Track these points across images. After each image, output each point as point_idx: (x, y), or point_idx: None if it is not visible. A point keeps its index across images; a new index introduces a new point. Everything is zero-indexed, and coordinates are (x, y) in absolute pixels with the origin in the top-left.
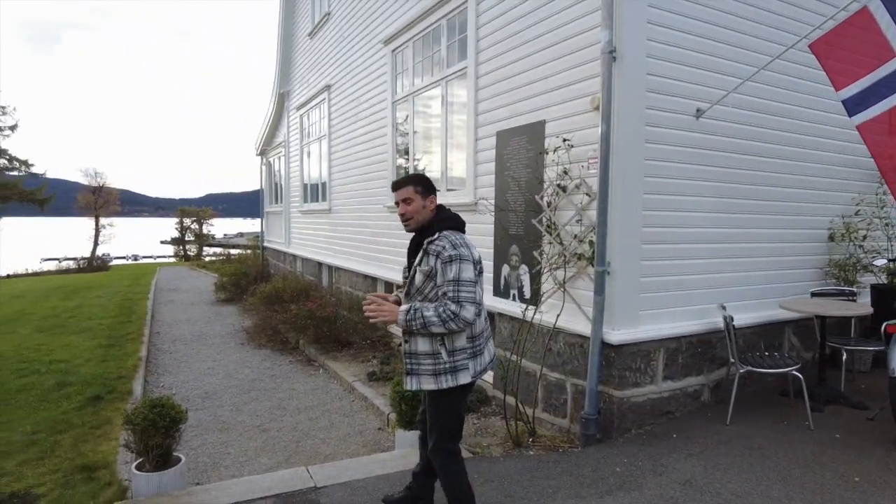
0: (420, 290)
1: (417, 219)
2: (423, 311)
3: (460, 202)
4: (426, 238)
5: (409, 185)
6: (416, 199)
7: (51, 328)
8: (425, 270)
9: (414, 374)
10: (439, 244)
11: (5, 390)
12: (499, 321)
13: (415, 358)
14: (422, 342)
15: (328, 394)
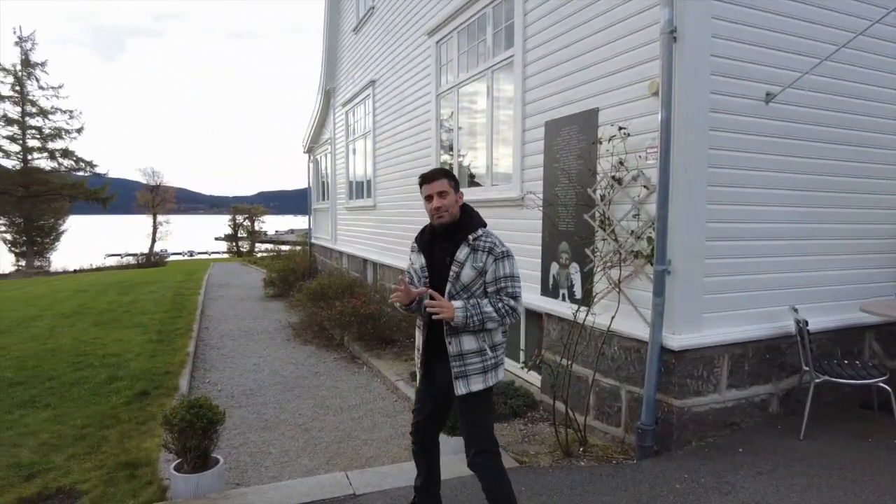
0: (467, 287)
1: (452, 212)
2: (482, 306)
3: (506, 197)
4: (466, 234)
5: (443, 177)
6: (450, 192)
7: (107, 322)
8: (478, 267)
9: (462, 376)
10: (489, 241)
11: (62, 383)
12: (546, 322)
13: (462, 359)
14: (467, 340)
15: (371, 393)
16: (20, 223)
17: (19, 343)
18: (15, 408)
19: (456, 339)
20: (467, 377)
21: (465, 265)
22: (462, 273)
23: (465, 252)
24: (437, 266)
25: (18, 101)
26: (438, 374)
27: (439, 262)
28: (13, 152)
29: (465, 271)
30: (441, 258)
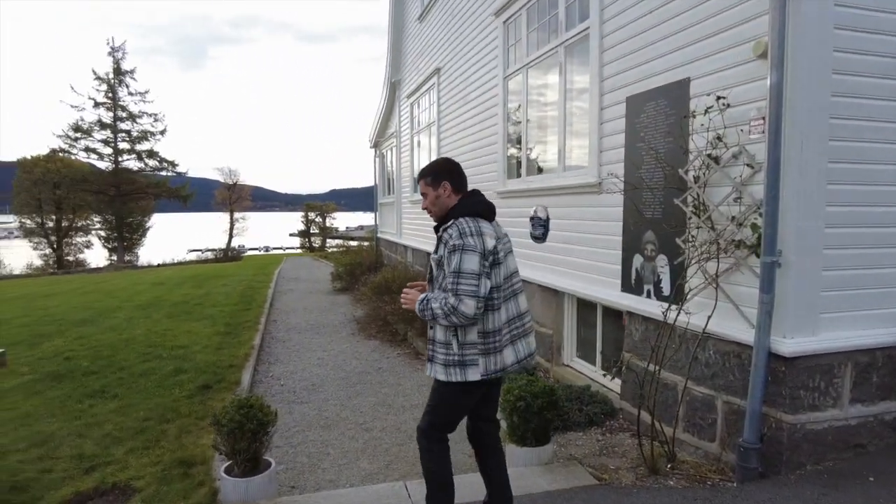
0: (435, 279)
1: (436, 210)
2: (431, 302)
3: (581, 183)
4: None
5: (421, 177)
6: (427, 191)
7: (179, 314)
8: (436, 259)
9: (431, 360)
10: (449, 232)
11: (131, 373)
12: (628, 322)
13: (433, 345)
14: (439, 330)
15: None
16: (112, 220)
17: (98, 333)
18: (86, 397)
19: (435, 328)
20: (434, 363)
21: (433, 257)
22: (433, 264)
23: (436, 243)
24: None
25: (111, 106)
26: None
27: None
28: (106, 155)
29: (433, 263)
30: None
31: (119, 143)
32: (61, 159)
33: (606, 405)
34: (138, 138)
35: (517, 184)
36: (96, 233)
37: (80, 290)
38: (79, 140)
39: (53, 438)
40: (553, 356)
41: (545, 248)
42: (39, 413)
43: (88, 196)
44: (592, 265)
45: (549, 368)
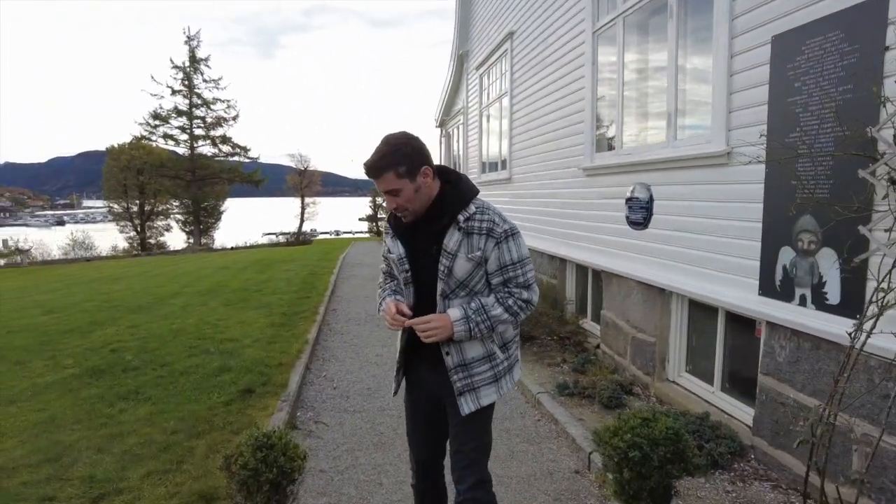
0: (464, 284)
1: (416, 206)
2: (488, 309)
3: (700, 153)
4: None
5: (386, 170)
6: (401, 185)
7: (236, 302)
8: (475, 257)
9: (468, 391)
10: (485, 218)
11: (171, 371)
12: (769, 336)
13: (466, 370)
14: (471, 346)
15: (507, 405)
16: (189, 205)
17: (150, 322)
18: (119, 399)
19: (456, 348)
20: (475, 390)
21: (457, 256)
22: (455, 266)
23: (456, 238)
24: (420, 256)
25: (187, 94)
26: (429, 380)
27: (423, 252)
28: (182, 141)
29: (458, 264)
30: (425, 247)
31: (194, 129)
32: (144, 146)
33: (733, 442)
34: (212, 124)
35: (609, 158)
36: (174, 217)
37: (149, 273)
38: (157, 127)
39: (70, 452)
40: (654, 369)
41: (646, 236)
42: (66, 418)
43: (167, 181)
44: (713, 259)
45: (649, 384)
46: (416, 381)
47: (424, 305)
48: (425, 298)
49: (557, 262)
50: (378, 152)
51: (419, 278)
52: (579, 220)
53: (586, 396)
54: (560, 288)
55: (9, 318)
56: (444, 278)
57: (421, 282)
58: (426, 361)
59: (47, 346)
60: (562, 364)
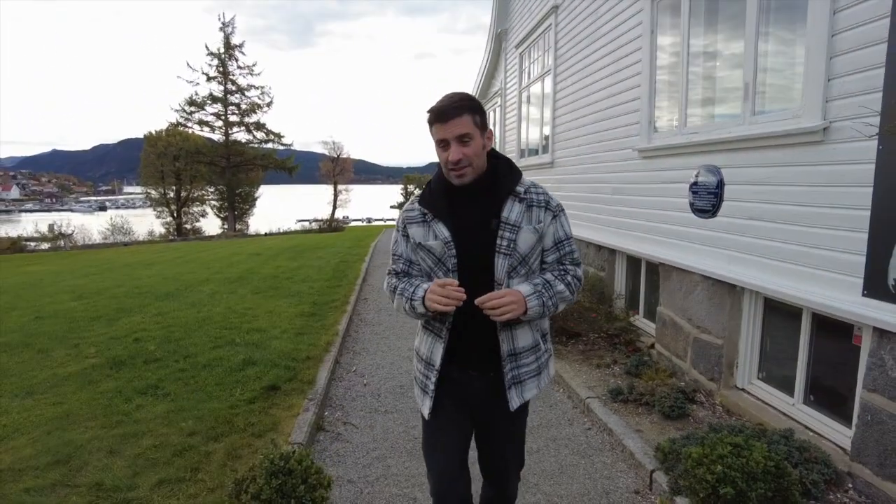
0: (525, 261)
1: (476, 166)
2: (554, 284)
3: (787, 129)
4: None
5: (465, 112)
6: (476, 135)
7: (266, 290)
8: (540, 228)
9: (516, 383)
10: (541, 191)
11: (194, 364)
12: (876, 345)
13: (516, 360)
14: (523, 334)
15: (553, 411)
16: (223, 191)
17: (177, 310)
18: (137, 394)
19: (508, 335)
20: (521, 384)
21: (521, 227)
22: (519, 239)
23: (519, 210)
24: (470, 236)
25: (222, 80)
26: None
27: (476, 230)
28: (217, 127)
29: (522, 236)
30: (478, 223)
31: (229, 115)
32: (180, 132)
33: (828, 468)
34: (247, 111)
35: (670, 138)
36: (210, 203)
37: (181, 259)
38: (193, 114)
39: (81, 454)
40: (720, 375)
41: (715, 225)
42: (81, 413)
43: (202, 167)
44: (800, 252)
45: (714, 391)
46: (454, 389)
47: (473, 295)
48: (471, 289)
49: (606, 252)
50: (455, 95)
51: (465, 264)
52: (632, 207)
53: (643, 404)
54: (608, 281)
55: (41, 303)
56: (508, 252)
57: (469, 268)
58: (473, 358)
59: (73, 334)
60: (612, 365)
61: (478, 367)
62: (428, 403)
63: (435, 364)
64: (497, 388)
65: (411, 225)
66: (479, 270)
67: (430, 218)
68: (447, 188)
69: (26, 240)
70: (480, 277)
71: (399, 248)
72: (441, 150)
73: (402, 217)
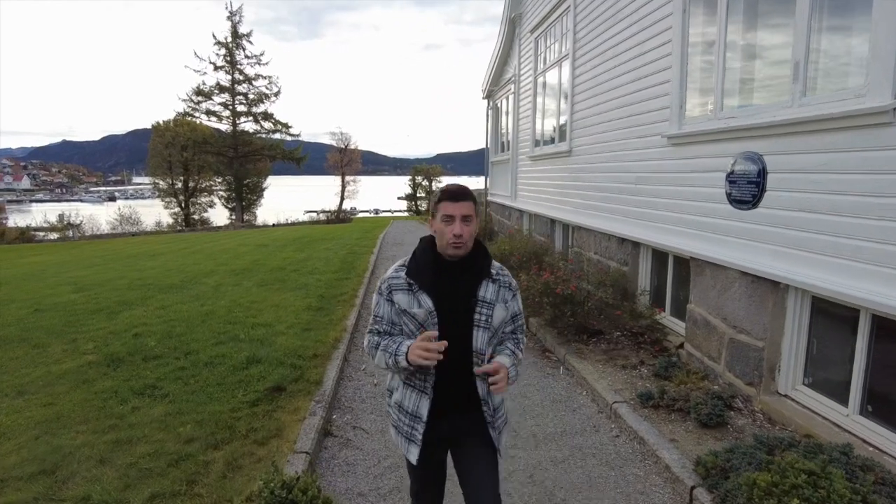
0: (496, 333)
1: (469, 245)
2: (517, 353)
3: (846, 111)
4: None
5: (470, 199)
6: (475, 220)
7: (272, 282)
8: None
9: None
10: (506, 273)
11: (195, 362)
12: None
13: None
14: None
15: (576, 415)
16: (231, 181)
17: (181, 303)
18: (134, 395)
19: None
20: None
21: (495, 305)
22: (494, 315)
23: (492, 289)
24: (451, 309)
25: (229, 70)
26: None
27: (456, 304)
28: (224, 117)
29: (497, 312)
30: (459, 298)
31: (237, 105)
32: (187, 123)
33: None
34: (254, 101)
35: (704, 123)
36: (218, 193)
37: (187, 250)
38: (200, 103)
39: (70, 462)
40: (760, 379)
41: (756, 217)
42: (73, 416)
43: (210, 157)
44: (859, 247)
45: (753, 397)
46: (437, 435)
47: (448, 361)
48: (451, 354)
49: (629, 245)
50: (464, 186)
51: (445, 333)
52: (659, 198)
53: (677, 410)
54: (632, 276)
55: (42, 296)
56: (486, 326)
57: (448, 336)
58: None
59: (71, 328)
60: (639, 367)
61: (454, 413)
62: (415, 451)
63: (422, 417)
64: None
65: (397, 292)
66: (457, 338)
67: (416, 289)
68: (433, 263)
69: (34, 230)
70: (457, 345)
71: (382, 310)
72: (445, 224)
73: (388, 284)
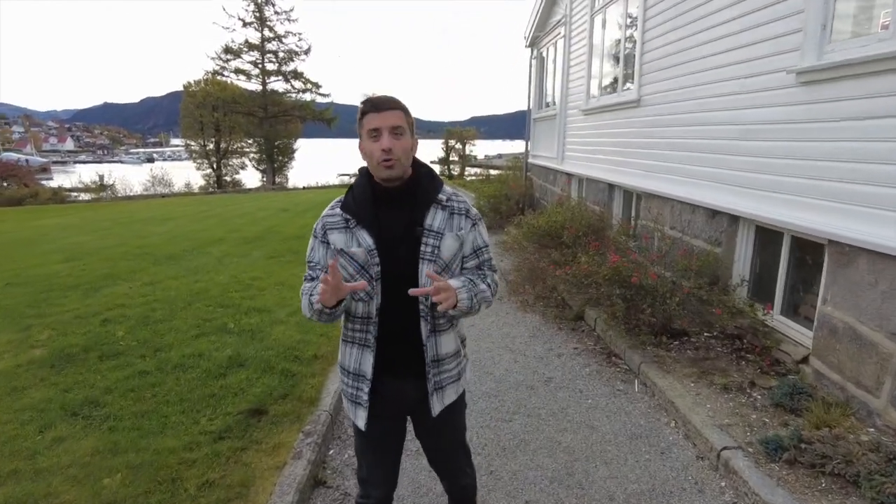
0: (448, 267)
1: (404, 164)
2: (477, 283)
3: None
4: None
5: (398, 108)
6: (406, 132)
7: (283, 253)
8: (461, 235)
9: (438, 389)
10: (461, 199)
11: (163, 363)
12: None
13: (439, 366)
14: (447, 339)
15: (666, 460)
16: (262, 142)
17: (173, 277)
18: (64, 416)
19: (433, 341)
20: (443, 389)
21: (444, 234)
22: (443, 245)
23: (441, 217)
24: (394, 244)
25: (258, 27)
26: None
27: (400, 237)
28: (254, 75)
29: (446, 243)
30: (402, 230)
31: (266, 64)
32: (217, 82)
33: None
34: (284, 59)
35: (869, 47)
36: (249, 155)
37: (203, 213)
38: (229, 62)
39: None
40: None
41: None
42: None
43: (240, 118)
44: None
45: (876, 410)
46: (387, 398)
47: (395, 304)
48: (395, 297)
49: (725, 220)
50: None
51: (389, 271)
52: (775, 158)
53: (832, 474)
54: (725, 259)
55: (25, 266)
56: (433, 259)
57: (393, 275)
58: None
59: (33, 310)
60: (748, 389)
61: (406, 374)
62: (362, 414)
63: (366, 375)
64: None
65: (332, 231)
66: (402, 278)
67: (353, 224)
68: (372, 195)
69: (68, 190)
70: (404, 285)
71: (316, 255)
72: (372, 140)
73: (322, 223)
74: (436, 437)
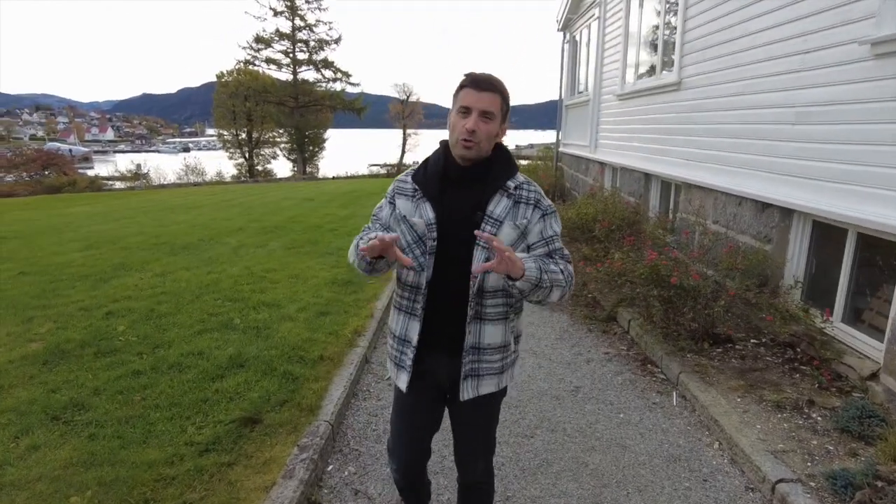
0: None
1: (483, 147)
2: (548, 263)
3: None
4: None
5: (498, 93)
6: (497, 117)
7: (302, 244)
8: (522, 225)
9: (473, 375)
10: (533, 189)
11: (160, 361)
12: None
13: (477, 354)
14: (493, 330)
15: (710, 490)
16: (292, 132)
17: (186, 268)
18: (45, 420)
19: (477, 328)
20: (478, 377)
21: (503, 223)
22: (500, 234)
23: (505, 205)
24: (453, 224)
25: (289, 15)
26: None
27: (460, 219)
28: (285, 65)
29: (504, 231)
30: (463, 212)
31: (297, 53)
32: (249, 72)
33: None
34: (315, 48)
35: None
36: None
37: (227, 202)
38: (260, 51)
39: None
40: None
41: None
42: None
43: (271, 107)
44: None
45: None
46: (427, 369)
47: (445, 283)
48: (446, 275)
49: (776, 214)
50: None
51: (444, 249)
52: (837, 143)
53: None
54: (777, 258)
55: (43, 254)
56: (486, 246)
57: (447, 254)
58: (444, 343)
59: (39, 301)
60: (805, 407)
61: (446, 352)
62: (405, 377)
63: (412, 341)
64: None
65: (400, 196)
66: (456, 259)
67: (419, 196)
68: (443, 171)
69: (104, 179)
70: (456, 267)
71: (382, 212)
72: (460, 117)
73: (394, 186)
74: (463, 424)
